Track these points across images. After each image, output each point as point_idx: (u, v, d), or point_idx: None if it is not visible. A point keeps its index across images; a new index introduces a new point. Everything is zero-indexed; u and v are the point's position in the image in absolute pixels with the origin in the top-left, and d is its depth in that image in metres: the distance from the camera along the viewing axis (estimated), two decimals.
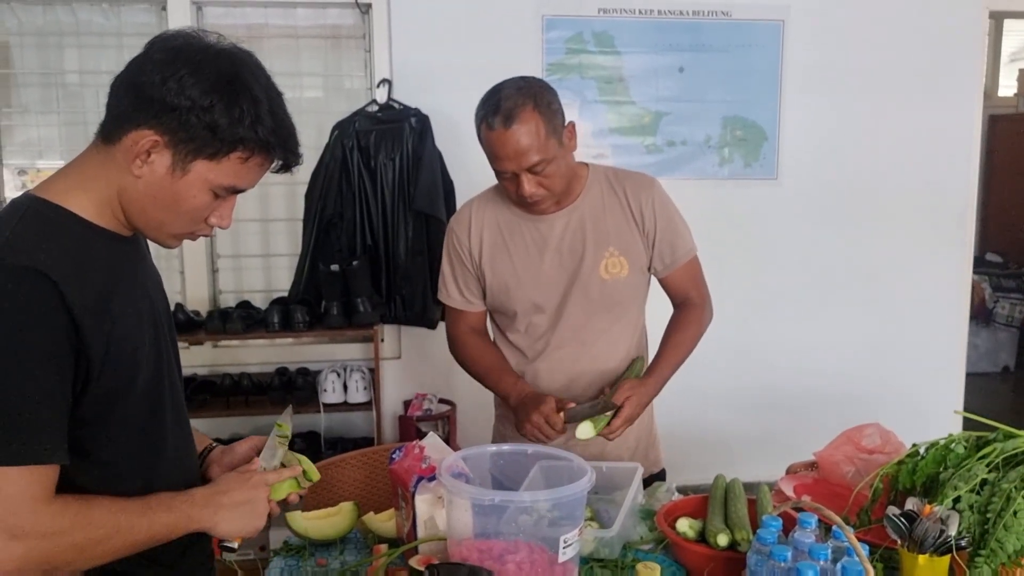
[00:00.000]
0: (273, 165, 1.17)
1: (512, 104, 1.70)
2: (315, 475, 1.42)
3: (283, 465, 1.37)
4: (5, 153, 3.44)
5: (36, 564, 1.04)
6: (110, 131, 1.12)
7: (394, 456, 1.64)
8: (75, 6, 3.40)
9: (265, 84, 1.13)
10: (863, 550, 1.21)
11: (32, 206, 1.11)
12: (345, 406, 3.38)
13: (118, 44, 3.47)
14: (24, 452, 1.02)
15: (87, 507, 1.09)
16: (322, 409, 3.32)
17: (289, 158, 1.17)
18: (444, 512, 1.48)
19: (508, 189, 1.81)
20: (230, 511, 1.21)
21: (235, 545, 1.26)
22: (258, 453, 1.40)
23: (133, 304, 1.17)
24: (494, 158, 1.75)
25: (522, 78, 1.80)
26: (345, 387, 3.38)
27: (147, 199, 1.13)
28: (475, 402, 3.24)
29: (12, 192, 3.47)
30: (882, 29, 3.69)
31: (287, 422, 1.41)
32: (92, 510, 1.09)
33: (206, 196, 1.14)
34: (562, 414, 1.76)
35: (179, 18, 3.34)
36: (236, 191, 1.17)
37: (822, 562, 1.21)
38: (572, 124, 1.81)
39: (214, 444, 1.45)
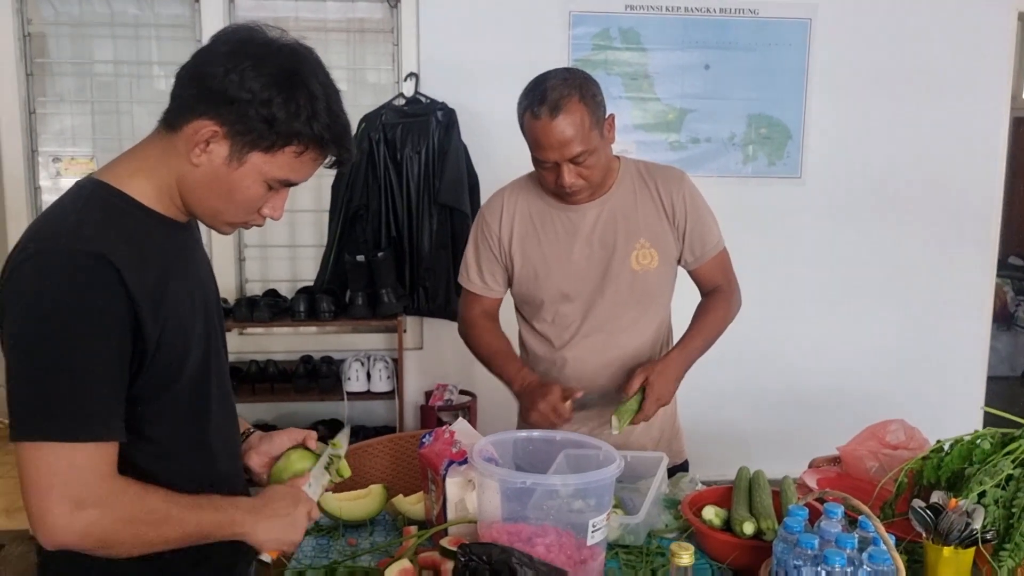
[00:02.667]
0: (326, 160, 1.20)
1: (558, 95, 1.72)
2: (346, 472, 1.43)
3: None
4: (40, 141, 3.50)
5: (96, 537, 1.07)
6: (173, 119, 1.15)
7: (424, 440, 1.67)
8: None
9: (323, 80, 1.15)
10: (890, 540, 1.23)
11: (95, 191, 1.15)
12: (368, 395, 3.43)
13: (151, 35, 3.53)
14: (90, 429, 1.06)
15: (144, 491, 1.12)
16: (345, 397, 3.36)
17: (342, 154, 1.19)
18: (474, 495, 1.51)
19: (546, 179, 1.83)
20: (270, 521, 1.23)
21: (268, 559, 1.27)
22: (297, 446, 1.42)
23: (186, 289, 1.20)
24: (537, 147, 1.77)
25: (566, 69, 1.82)
26: (368, 376, 3.43)
27: (204, 187, 1.16)
28: (495, 393, 3.26)
29: (47, 179, 3.53)
30: (910, 29, 3.69)
31: (343, 442, 1.42)
32: (148, 495, 1.12)
33: (260, 187, 1.17)
34: (569, 403, 1.77)
35: (211, 10, 3.39)
36: (289, 184, 1.19)
37: (849, 550, 1.23)
38: (612, 116, 1.83)
39: (252, 429, 1.47)
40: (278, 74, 1.11)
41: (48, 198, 3.54)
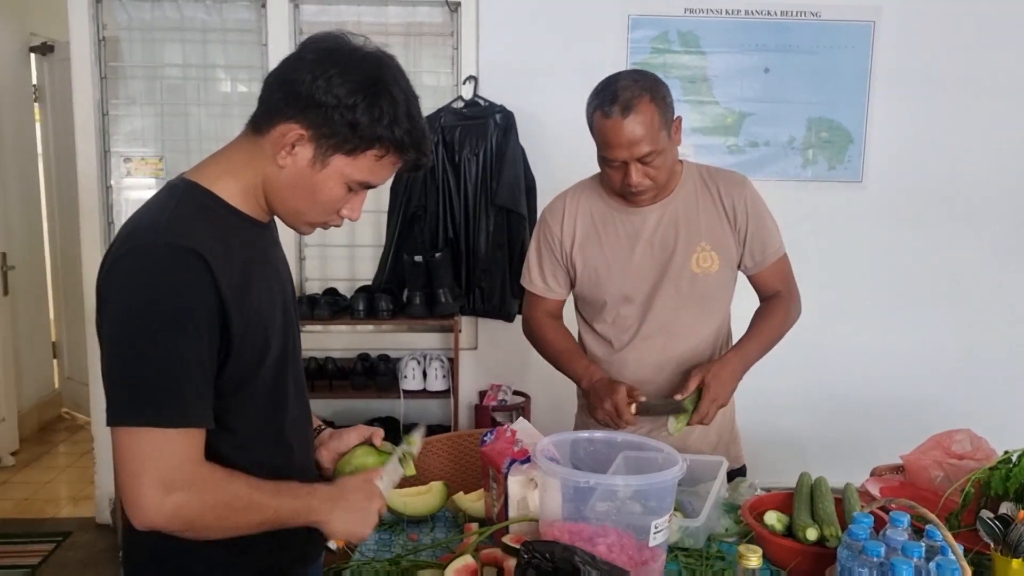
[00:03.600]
0: (404, 164, 1.24)
1: (630, 95, 1.74)
2: (411, 471, 1.47)
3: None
4: (112, 141, 3.63)
5: (184, 520, 1.12)
6: (260, 123, 1.20)
7: (485, 439, 1.70)
8: (180, 3, 3.56)
9: (404, 87, 1.20)
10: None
11: (187, 190, 1.20)
12: (424, 393, 3.48)
13: (218, 40, 3.63)
14: (182, 416, 1.11)
15: (229, 477, 1.17)
16: (402, 395, 3.42)
17: (420, 158, 1.23)
18: (536, 493, 1.53)
19: (613, 178, 1.85)
20: (345, 512, 1.27)
21: (335, 546, 1.32)
22: (364, 443, 1.46)
23: (268, 285, 1.25)
24: (606, 146, 1.79)
25: (636, 71, 1.85)
26: (424, 375, 3.48)
27: (288, 189, 1.21)
28: (549, 394, 3.29)
29: (118, 178, 3.66)
30: (977, 32, 3.60)
31: (418, 440, 1.46)
32: (233, 481, 1.17)
33: (341, 189, 1.21)
34: (633, 407, 1.79)
35: (278, 15, 3.47)
36: (368, 186, 1.24)
37: (916, 559, 1.22)
38: (679, 119, 1.85)
39: (323, 426, 1.52)
40: (363, 81, 1.15)
41: (118, 197, 3.66)
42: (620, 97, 1.74)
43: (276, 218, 1.31)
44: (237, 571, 1.26)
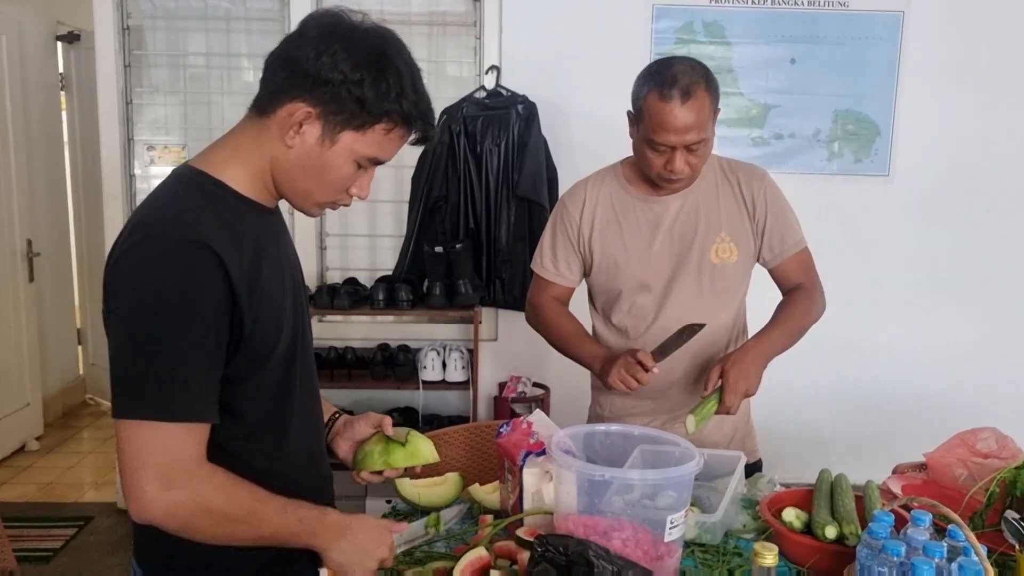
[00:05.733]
0: (411, 137, 1.23)
1: (689, 80, 1.72)
2: (435, 457, 1.46)
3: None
4: (135, 130, 3.65)
5: (180, 520, 1.11)
6: (264, 104, 1.19)
7: (501, 430, 1.69)
8: None
9: (408, 60, 1.19)
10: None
11: (194, 179, 1.19)
12: (443, 384, 3.48)
13: (241, 29, 3.64)
14: (185, 410, 1.10)
15: (232, 483, 1.15)
16: (421, 386, 3.42)
17: (427, 131, 1.23)
18: (551, 486, 1.52)
19: (653, 163, 1.81)
20: (348, 546, 1.24)
21: (324, 575, 1.26)
22: (380, 434, 1.45)
23: (278, 274, 1.24)
24: (659, 129, 1.75)
25: (686, 58, 1.83)
26: (444, 365, 3.47)
27: (297, 169, 1.20)
28: (569, 387, 3.27)
29: (142, 167, 3.68)
30: (1008, 22, 3.53)
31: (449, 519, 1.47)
32: (236, 488, 1.15)
33: (350, 166, 1.20)
34: (653, 365, 1.75)
35: (301, 4, 3.47)
36: (377, 162, 1.23)
37: (937, 560, 1.19)
38: (718, 111, 1.83)
39: (339, 414, 1.51)
40: (368, 55, 1.14)
41: (141, 185, 3.68)
42: (680, 81, 1.72)
43: (282, 205, 1.30)
44: (247, 560, 1.26)
